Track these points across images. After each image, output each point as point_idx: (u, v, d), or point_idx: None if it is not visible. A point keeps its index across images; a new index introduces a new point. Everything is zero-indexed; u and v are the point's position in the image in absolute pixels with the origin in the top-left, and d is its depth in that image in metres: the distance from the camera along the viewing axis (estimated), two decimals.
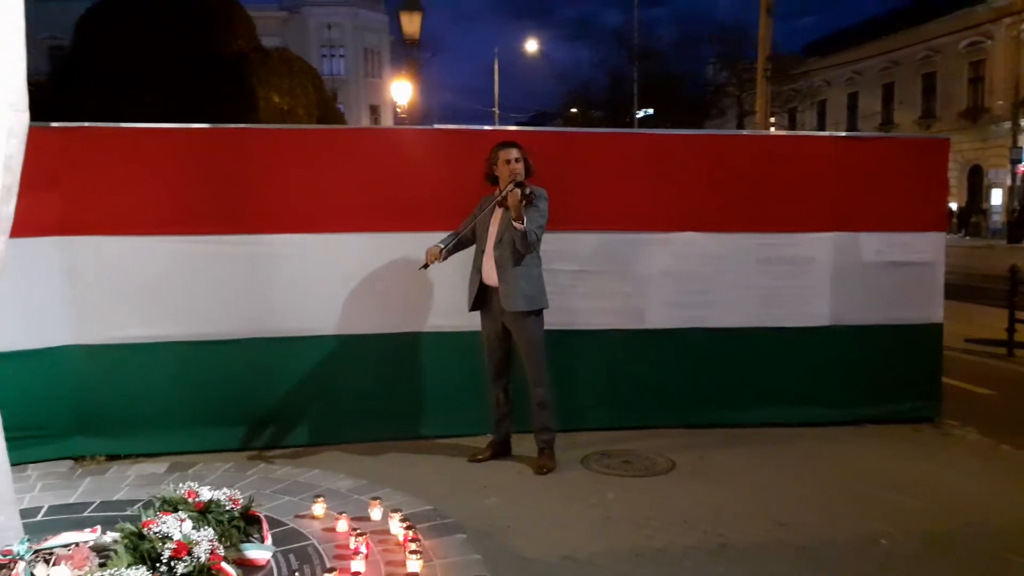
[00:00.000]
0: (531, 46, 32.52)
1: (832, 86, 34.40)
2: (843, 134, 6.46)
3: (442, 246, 4.41)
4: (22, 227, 4.21)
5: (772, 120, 27.40)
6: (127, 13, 18.98)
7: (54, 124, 4.68)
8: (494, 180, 4.48)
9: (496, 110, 33.91)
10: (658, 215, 5.22)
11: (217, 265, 4.79)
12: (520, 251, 4.34)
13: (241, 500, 3.26)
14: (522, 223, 4.22)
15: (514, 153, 4.40)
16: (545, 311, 4.54)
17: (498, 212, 4.46)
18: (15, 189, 2.86)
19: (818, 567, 3.37)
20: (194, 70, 18.06)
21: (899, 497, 4.12)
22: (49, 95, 19.79)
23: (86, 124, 4.85)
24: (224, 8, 20.04)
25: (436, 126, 6.02)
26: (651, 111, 27.61)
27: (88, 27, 19.21)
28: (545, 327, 4.58)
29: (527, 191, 4.19)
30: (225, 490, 3.27)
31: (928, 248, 5.42)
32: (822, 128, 32.20)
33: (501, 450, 4.72)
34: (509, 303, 4.38)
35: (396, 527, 3.31)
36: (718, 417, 5.26)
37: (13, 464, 4.10)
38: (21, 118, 2.84)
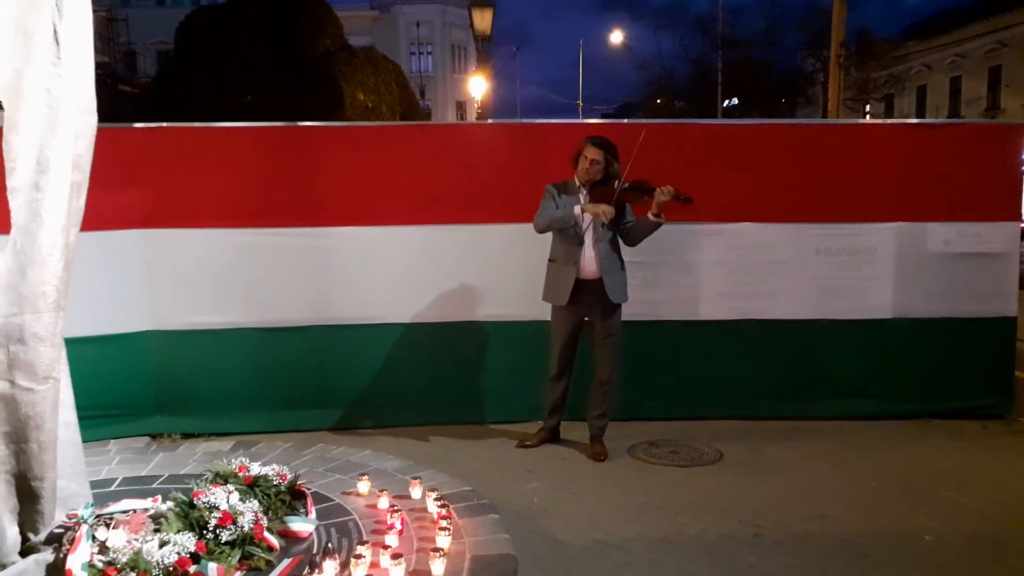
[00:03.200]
0: (616, 37, 32.13)
1: (933, 70, 32.66)
2: (911, 120, 6.24)
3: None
4: (107, 220, 4.64)
5: (867, 108, 26.35)
6: (224, 16, 19.96)
7: (137, 125, 5.05)
8: None
9: (580, 102, 33.76)
10: (714, 206, 5.17)
11: (283, 256, 5.06)
12: (632, 245, 4.55)
13: (288, 476, 3.47)
14: (662, 218, 4.34)
15: (594, 154, 4.43)
16: None
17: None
18: (85, 186, 3.12)
19: (854, 559, 3.32)
20: (285, 69, 18.84)
21: (953, 494, 4.00)
22: (156, 95, 21.05)
23: (165, 124, 5.20)
24: (314, 9, 20.78)
25: (490, 120, 6.16)
26: (736, 100, 26.99)
27: (189, 31, 20.30)
28: None
29: (681, 196, 4.28)
30: (275, 466, 3.49)
31: (1000, 238, 5.19)
32: (922, 115, 30.66)
33: (550, 437, 4.82)
34: (615, 295, 4.50)
35: (432, 505, 3.46)
36: (773, 410, 5.20)
37: (97, 440, 4.52)
38: (89, 120, 3.10)
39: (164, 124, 5.19)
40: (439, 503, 3.44)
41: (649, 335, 5.19)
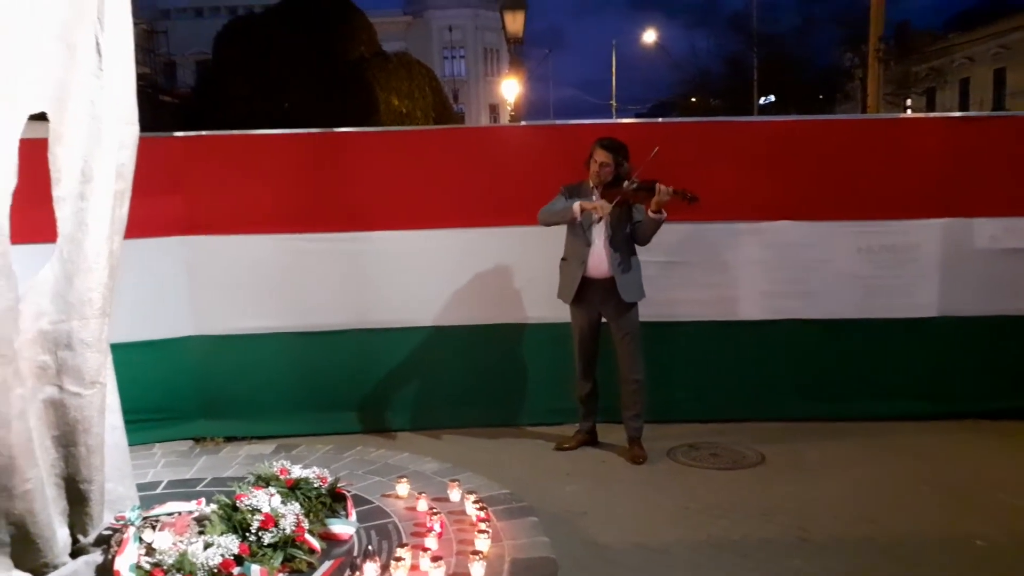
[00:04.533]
0: (649, 36, 32.00)
1: (976, 62, 31.88)
2: (956, 114, 6.09)
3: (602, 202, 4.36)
4: (149, 227, 4.73)
5: (908, 103, 25.80)
6: (260, 26, 20.29)
7: (177, 134, 5.14)
8: None
9: (613, 103, 33.65)
10: (751, 204, 5.11)
11: (322, 260, 5.10)
12: (642, 244, 4.50)
13: (329, 478, 3.50)
14: (663, 214, 4.32)
15: (602, 157, 4.44)
16: None
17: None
18: (128, 194, 3.18)
19: (902, 564, 3.25)
20: (321, 76, 19.07)
21: (1005, 497, 3.89)
22: (194, 104, 21.48)
23: (204, 133, 5.28)
24: (348, 17, 21.02)
25: (523, 123, 6.16)
26: (772, 98, 26.61)
27: (226, 40, 20.67)
28: None
29: (686, 195, 4.26)
30: (315, 469, 3.53)
31: None
32: (965, 108, 29.95)
33: (587, 440, 4.80)
34: (628, 294, 4.48)
35: (471, 508, 3.46)
36: (814, 411, 5.11)
37: (142, 443, 4.61)
38: (132, 130, 3.17)
39: (203, 132, 5.28)
40: (478, 506, 3.45)
41: (686, 335, 5.14)
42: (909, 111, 25.73)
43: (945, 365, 5.09)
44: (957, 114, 6.03)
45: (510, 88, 19.25)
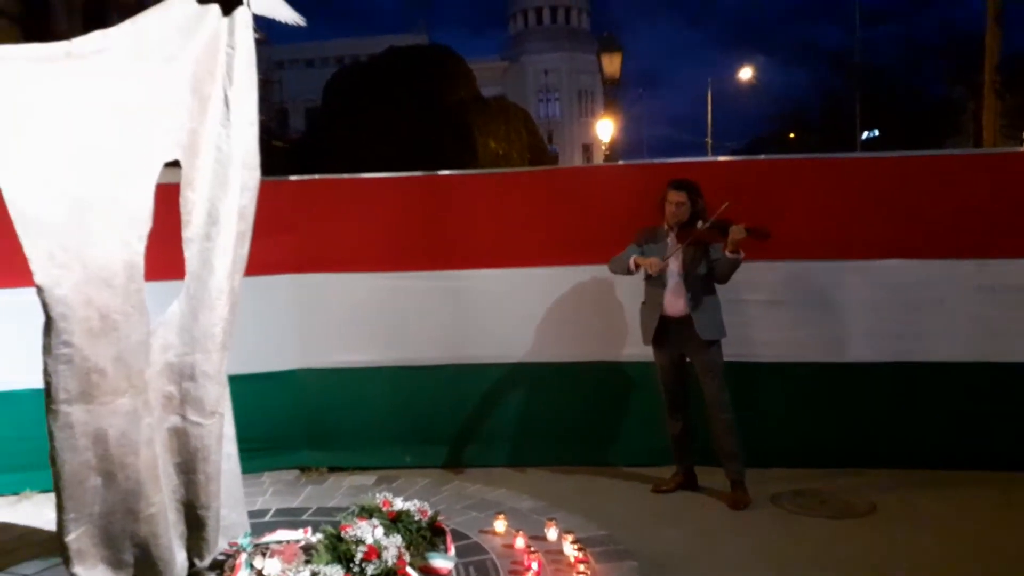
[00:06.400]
0: (745, 73, 31.63)
1: None
2: None
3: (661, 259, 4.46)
4: (263, 266, 4.96)
5: None
6: (368, 74, 21.19)
7: (292, 178, 5.43)
8: None
9: (709, 140, 33.29)
10: (858, 242, 4.96)
11: (422, 297, 5.25)
12: (721, 282, 4.47)
13: (429, 512, 3.56)
14: (740, 254, 4.31)
15: (676, 197, 4.48)
16: (735, 343, 4.62)
17: (672, 248, 4.51)
18: (248, 235, 3.39)
19: None
20: (423, 121, 19.70)
21: None
22: (304, 148, 22.54)
23: (316, 176, 5.57)
24: (449, 64, 21.70)
25: (621, 162, 6.20)
26: (876, 132, 25.72)
27: (335, 88, 21.65)
28: (735, 359, 4.66)
29: (758, 232, 4.24)
30: (416, 502, 3.60)
31: None
32: None
33: (686, 482, 4.69)
34: (705, 332, 4.44)
35: (568, 548, 3.44)
36: (929, 458, 4.84)
37: (252, 472, 4.80)
38: (254, 174, 3.38)
39: (315, 176, 5.56)
40: (576, 546, 3.43)
41: (791, 377, 4.99)
42: None
43: None
44: None
45: (605, 128, 19.38)
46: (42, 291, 2.73)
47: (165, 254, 3.18)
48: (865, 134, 25.97)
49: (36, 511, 4.34)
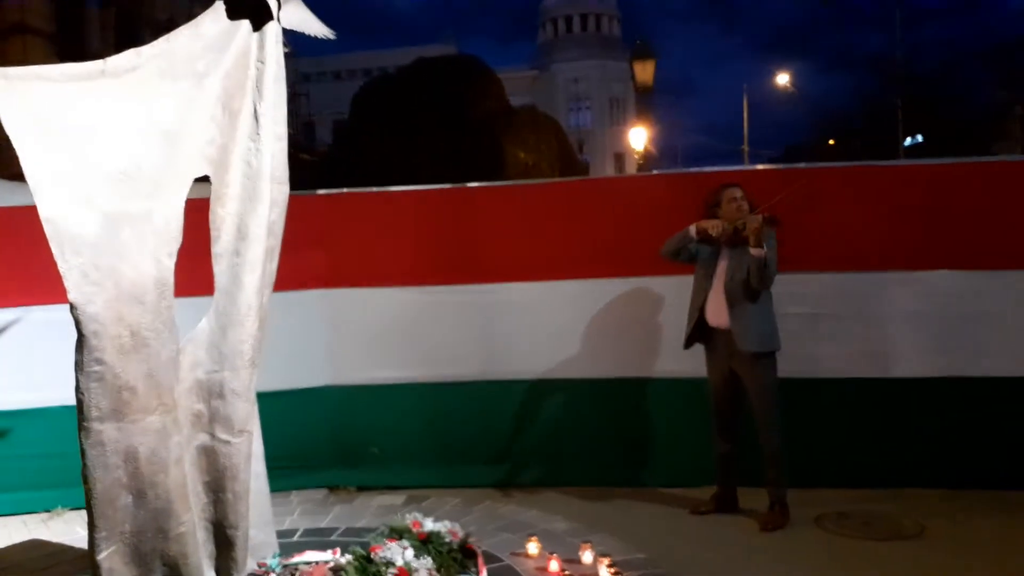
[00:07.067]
0: (781, 79, 31.21)
1: None
2: None
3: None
4: (292, 280, 4.92)
5: None
6: (396, 85, 21.31)
7: (320, 191, 5.39)
8: None
9: (745, 147, 32.90)
10: (901, 252, 4.80)
11: (452, 312, 5.16)
12: (756, 286, 4.22)
13: (460, 533, 3.47)
14: (762, 249, 4.13)
15: (738, 192, 4.36)
16: (777, 357, 4.38)
17: (724, 250, 4.38)
18: (277, 250, 3.35)
19: None
20: (451, 132, 19.75)
21: None
22: (331, 161, 22.70)
23: (344, 190, 5.54)
24: (477, 74, 21.74)
25: (655, 171, 6.11)
26: (920, 138, 25.17)
27: (363, 100, 21.80)
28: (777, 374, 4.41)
29: (768, 216, 4.14)
30: (446, 523, 3.51)
31: None
32: None
33: (726, 504, 4.53)
34: (743, 343, 4.24)
35: (604, 572, 3.33)
36: (980, 479, 4.64)
37: (279, 490, 4.73)
38: (283, 189, 3.35)
39: (343, 190, 5.52)
40: (612, 570, 3.32)
41: (834, 393, 4.82)
42: None
43: None
44: None
45: (638, 136, 19.21)
46: (75, 308, 2.71)
47: (194, 270, 3.15)
48: (908, 140, 25.48)
49: (67, 528, 4.34)
